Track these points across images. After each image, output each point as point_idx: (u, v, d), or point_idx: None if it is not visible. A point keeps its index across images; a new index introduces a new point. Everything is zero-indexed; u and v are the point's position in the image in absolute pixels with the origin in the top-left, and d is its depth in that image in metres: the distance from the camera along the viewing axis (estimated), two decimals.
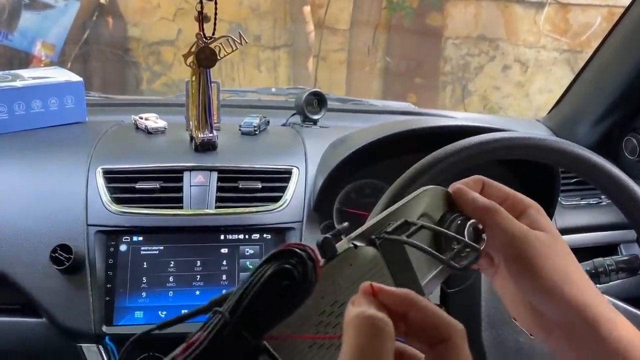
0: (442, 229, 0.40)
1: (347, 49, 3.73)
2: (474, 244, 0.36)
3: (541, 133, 1.20)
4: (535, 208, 0.45)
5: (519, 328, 0.65)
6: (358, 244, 0.37)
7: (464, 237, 0.42)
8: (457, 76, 3.87)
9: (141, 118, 1.06)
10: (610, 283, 0.89)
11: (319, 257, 0.31)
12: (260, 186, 0.92)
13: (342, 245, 0.36)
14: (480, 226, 0.43)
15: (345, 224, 0.37)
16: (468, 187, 0.46)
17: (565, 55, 3.68)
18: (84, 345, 0.81)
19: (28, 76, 1.09)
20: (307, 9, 3.56)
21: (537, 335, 0.44)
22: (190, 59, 0.88)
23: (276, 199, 0.91)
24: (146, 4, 3.57)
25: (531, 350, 0.65)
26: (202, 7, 0.82)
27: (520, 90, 3.81)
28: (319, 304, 0.32)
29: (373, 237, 0.38)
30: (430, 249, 0.37)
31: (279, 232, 0.90)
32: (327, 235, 0.34)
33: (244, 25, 3.57)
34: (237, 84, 3.58)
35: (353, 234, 0.37)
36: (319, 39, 3.68)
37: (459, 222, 0.43)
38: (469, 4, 3.75)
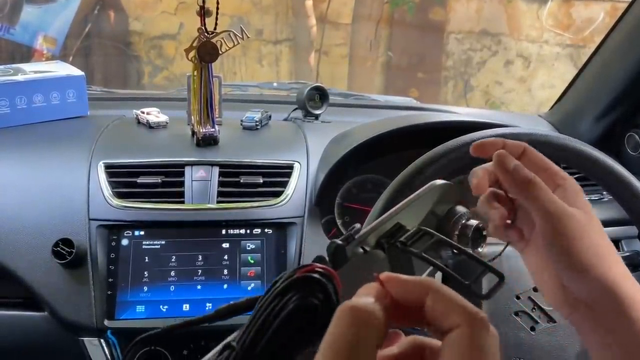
0: (467, 250, 0.38)
1: (349, 43, 3.72)
2: (500, 272, 0.33)
3: (543, 129, 1.20)
4: (571, 183, 0.45)
5: (519, 324, 0.65)
6: (367, 248, 0.36)
7: (468, 237, 0.41)
8: (459, 71, 3.86)
9: (143, 112, 1.06)
10: None
11: (338, 279, 0.29)
12: (261, 181, 0.92)
13: (350, 248, 0.35)
14: (482, 226, 0.43)
15: (357, 225, 0.36)
16: (509, 152, 0.44)
17: (568, 50, 3.66)
18: (86, 339, 0.82)
19: (30, 70, 1.08)
20: (309, 3, 3.54)
21: (561, 311, 0.44)
22: (192, 54, 0.88)
23: (277, 194, 0.91)
24: None
25: (531, 345, 0.65)
26: (203, 2, 0.82)
27: (523, 86, 3.80)
28: None
29: (383, 241, 0.37)
30: (453, 273, 0.34)
31: (281, 227, 0.90)
32: (339, 242, 0.33)
33: (245, 19, 3.56)
34: (239, 78, 3.57)
35: (362, 233, 0.36)
36: (321, 33, 3.67)
37: (464, 221, 0.43)
38: None
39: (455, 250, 0.38)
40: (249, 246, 0.88)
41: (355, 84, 3.61)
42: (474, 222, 0.43)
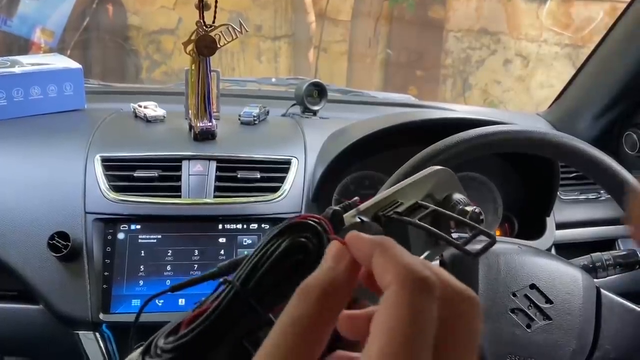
0: (459, 217, 0.39)
1: (348, 40, 3.72)
2: (490, 232, 0.35)
3: (541, 127, 1.20)
4: None
5: (515, 321, 0.65)
6: (364, 219, 0.37)
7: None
8: (458, 69, 3.86)
9: (140, 106, 1.05)
10: (607, 278, 0.89)
11: (332, 230, 0.31)
12: (259, 176, 0.92)
13: (348, 218, 0.36)
14: (479, 211, 0.43)
15: (356, 198, 0.36)
16: None
17: (567, 50, 3.67)
18: (81, 333, 0.82)
19: (27, 62, 1.08)
20: None
21: None
22: (190, 47, 0.87)
23: (275, 189, 0.91)
24: None
25: (526, 342, 0.65)
26: None
27: (521, 85, 3.80)
28: None
29: (380, 214, 0.38)
30: (444, 234, 0.36)
31: (277, 222, 0.89)
32: (337, 207, 0.34)
33: (244, 15, 3.55)
34: (237, 74, 3.56)
35: (361, 207, 0.37)
36: (320, 29, 3.67)
37: (461, 207, 0.44)
38: None
39: (449, 219, 0.40)
40: (245, 241, 0.88)
41: (354, 81, 3.61)
42: (471, 207, 0.44)
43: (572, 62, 3.60)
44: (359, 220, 0.36)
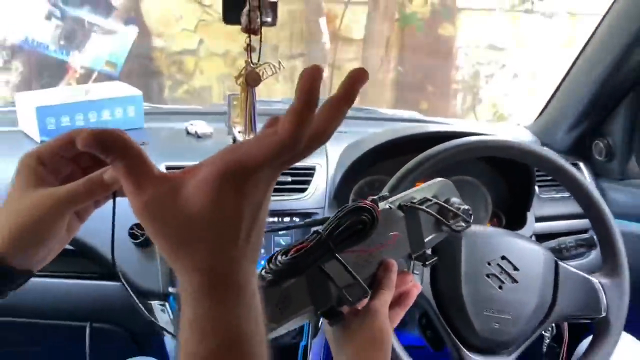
0: (452, 208, 0.64)
1: (361, 58, 3.88)
2: (467, 218, 0.63)
3: (518, 137, 1.37)
4: None
5: (489, 283, 0.84)
6: (392, 207, 0.60)
7: (460, 216, 0.66)
8: (468, 84, 3.98)
9: (192, 125, 1.28)
10: (578, 261, 1.08)
11: (379, 212, 0.54)
12: (290, 179, 1.12)
13: (382, 205, 0.58)
14: (469, 210, 0.65)
15: (386, 192, 0.61)
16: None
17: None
18: (153, 302, 1.03)
19: (97, 90, 1.31)
20: (322, 19, 3.70)
21: None
22: (240, 80, 1.09)
23: (302, 190, 1.12)
24: (169, 16, 3.73)
25: (499, 299, 0.84)
26: (250, 40, 1.02)
27: (530, 98, 3.88)
28: None
29: (402, 204, 0.61)
30: (440, 217, 0.62)
31: (305, 216, 1.10)
32: (375, 197, 0.57)
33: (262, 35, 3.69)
34: (257, 92, 3.70)
35: (390, 199, 0.60)
36: (334, 48, 3.84)
37: (456, 205, 0.66)
38: (480, 14, 3.88)
39: (446, 211, 0.64)
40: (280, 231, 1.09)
41: (367, 97, 3.74)
42: (463, 206, 0.66)
43: None
44: (388, 207, 0.59)
